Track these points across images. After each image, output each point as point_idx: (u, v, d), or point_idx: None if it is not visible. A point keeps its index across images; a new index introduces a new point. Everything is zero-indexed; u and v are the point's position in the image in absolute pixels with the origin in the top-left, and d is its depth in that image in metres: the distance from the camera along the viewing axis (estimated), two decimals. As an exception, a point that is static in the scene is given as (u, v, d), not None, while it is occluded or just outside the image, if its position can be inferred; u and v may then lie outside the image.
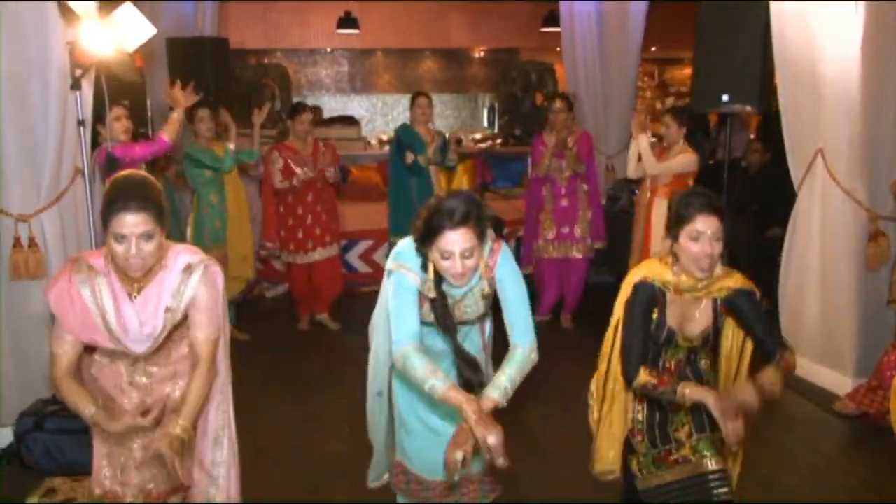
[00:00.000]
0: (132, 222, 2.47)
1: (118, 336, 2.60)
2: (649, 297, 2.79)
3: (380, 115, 13.47)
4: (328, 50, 13.36)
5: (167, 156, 5.88)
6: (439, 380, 2.46)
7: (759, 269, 6.28)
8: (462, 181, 8.37)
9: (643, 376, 2.72)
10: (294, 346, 6.25)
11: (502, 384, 2.55)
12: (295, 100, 10.84)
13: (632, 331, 2.79)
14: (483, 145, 10.29)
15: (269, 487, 3.95)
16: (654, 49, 12.47)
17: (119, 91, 4.95)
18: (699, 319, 2.84)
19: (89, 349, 2.75)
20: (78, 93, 4.28)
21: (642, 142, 5.50)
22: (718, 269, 2.76)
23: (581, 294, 6.53)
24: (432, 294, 2.67)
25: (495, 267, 2.71)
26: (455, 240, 2.49)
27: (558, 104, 6.29)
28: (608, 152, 8.22)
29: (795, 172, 5.24)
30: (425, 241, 2.57)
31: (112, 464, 2.80)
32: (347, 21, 11.36)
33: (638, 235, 5.89)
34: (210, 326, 2.71)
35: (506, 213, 7.32)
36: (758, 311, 2.84)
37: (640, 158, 5.67)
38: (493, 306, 2.85)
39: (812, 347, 5.23)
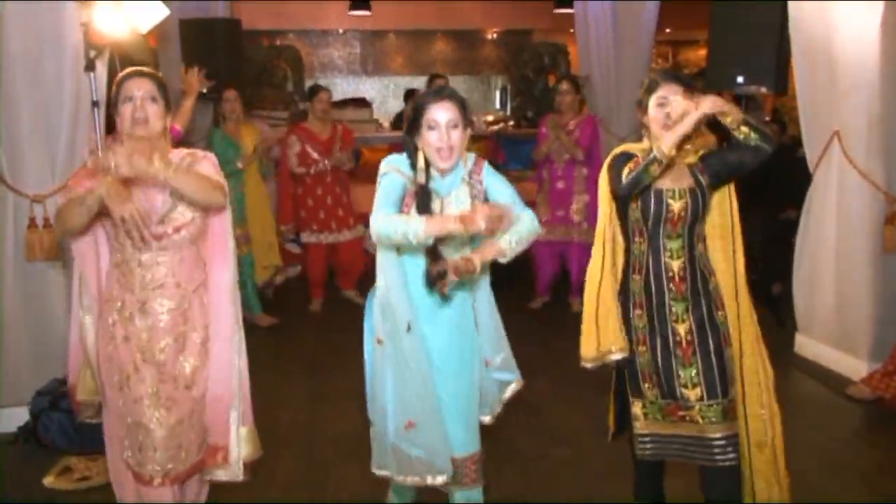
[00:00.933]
0: (138, 83, 2.78)
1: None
2: (628, 160, 2.88)
3: (392, 97, 13.45)
4: (340, 31, 13.36)
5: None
6: (416, 220, 2.60)
7: (772, 252, 6.31)
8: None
9: (625, 171, 2.83)
10: (304, 326, 6.28)
11: (507, 238, 2.70)
12: (308, 81, 10.83)
13: (616, 178, 2.88)
14: (495, 127, 10.25)
15: (279, 466, 3.97)
16: (668, 30, 12.43)
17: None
18: (679, 180, 2.93)
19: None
20: (92, 74, 4.28)
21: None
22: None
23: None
24: (422, 178, 2.78)
25: (482, 173, 2.90)
26: (440, 109, 2.72)
27: (564, 86, 6.31)
28: (620, 134, 8.16)
29: (811, 154, 5.23)
30: (414, 124, 2.77)
31: (132, 445, 2.81)
32: (359, 2, 11.32)
33: None
34: (216, 176, 2.85)
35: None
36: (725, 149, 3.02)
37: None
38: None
39: (826, 331, 5.24)
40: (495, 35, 14.02)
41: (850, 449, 4.23)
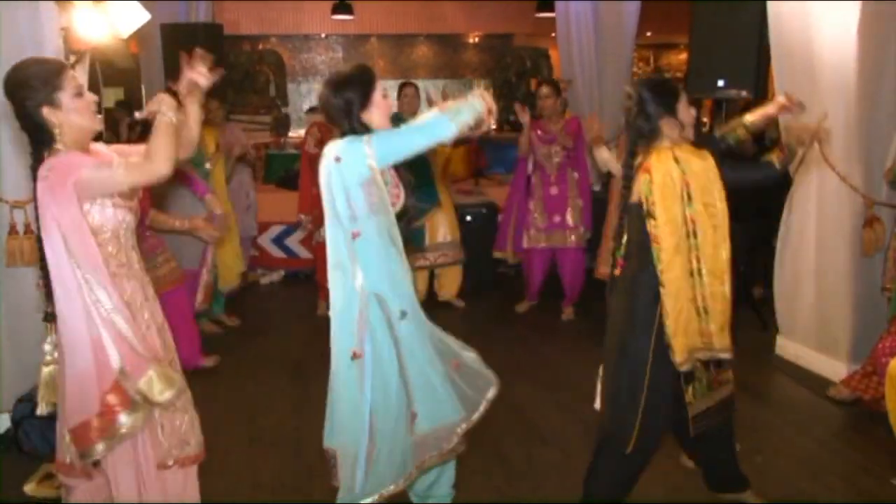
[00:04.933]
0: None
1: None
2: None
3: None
4: (322, 35, 13.37)
5: None
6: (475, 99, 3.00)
7: (754, 254, 6.35)
8: (458, 167, 8.35)
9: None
10: (288, 331, 6.27)
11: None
12: (290, 86, 10.83)
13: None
14: (478, 131, 10.24)
15: (265, 471, 3.98)
16: (649, 34, 12.50)
17: (114, 77, 4.95)
18: None
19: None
20: (72, 78, 4.26)
21: (602, 154, 4.51)
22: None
23: (581, 285, 6.48)
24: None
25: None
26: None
27: (545, 90, 6.35)
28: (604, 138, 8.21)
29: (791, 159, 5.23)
30: (366, 98, 3.02)
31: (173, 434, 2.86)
32: (342, 6, 11.35)
33: (613, 212, 5.70)
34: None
35: (501, 199, 7.32)
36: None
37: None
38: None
39: (807, 333, 5.28)
40: (477, 39, 14.07)
41: (831, 450, 4.26)
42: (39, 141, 2.72)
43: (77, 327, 2.65)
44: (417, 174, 6.13)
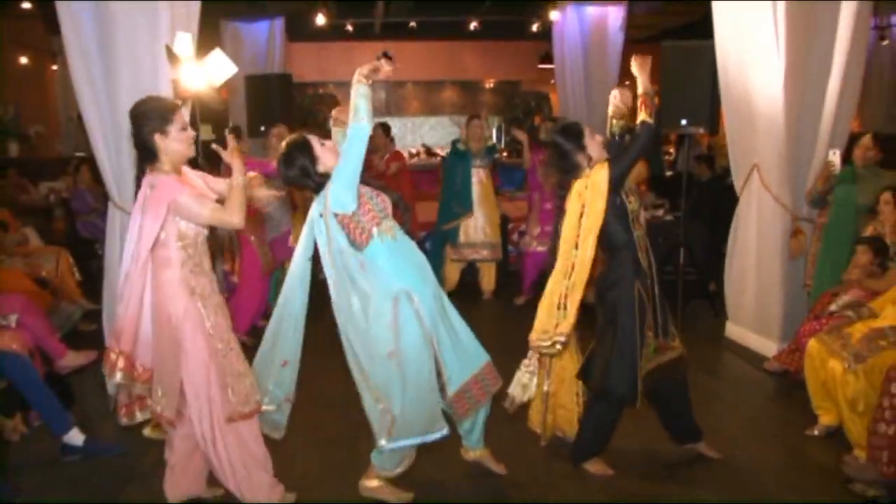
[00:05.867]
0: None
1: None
2: None
3: (409, 133, 13.68)
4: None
5: None
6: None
7: (710, 259, 6.40)
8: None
9: None
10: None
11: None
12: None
13: None
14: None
15: (322, 428, 3.96)
16: (627, 83, 12.48)
17: (208, 116, 5.06)
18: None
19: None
20: (178, 118, 4.40)
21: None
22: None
23: None
24: None
25: None
26: None
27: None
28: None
29: (737, 182, 5.26)
30: (312, 154, 2.92)
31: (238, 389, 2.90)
32: (385, 58, 11.42)
33: None
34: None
35: (510, 211, 7.41)
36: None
37: None
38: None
39: (748, 318, 5.27)
40: (492, 84, 14.13)
41: (764, 411, 4.31)
42: (146, 158, 2.85)
43: (136, 288, 2.81)
44: (462, 187, 6.28)
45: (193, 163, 3.06)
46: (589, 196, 3.12)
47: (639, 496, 3.28)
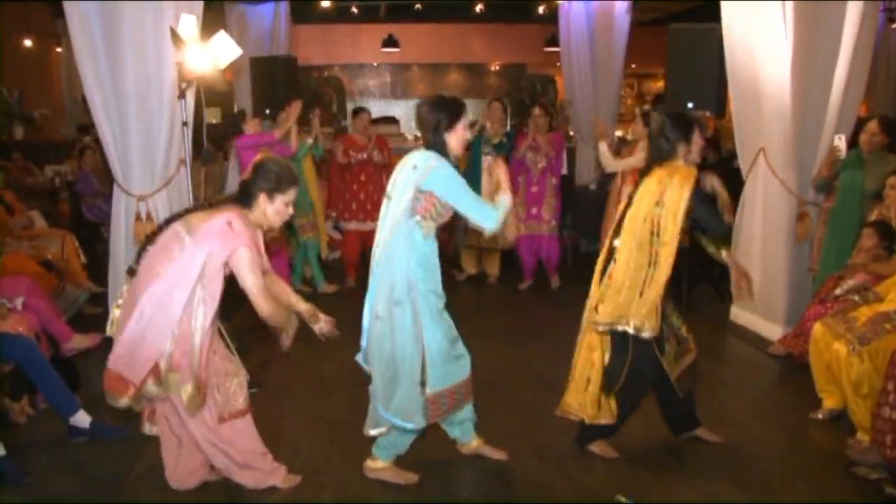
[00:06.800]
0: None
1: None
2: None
3: (415, 117, 13.56)
4: (374, 64, 13.46)
5: None
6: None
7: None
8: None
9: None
10: (346, 295, 6.12)
11: None
12: (349, 104, 10.97)
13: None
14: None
15: (328, 409, 4.00)
16: (633, 66, 12.48)
17: (213, 99, 5.06)
18: None
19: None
20: (183, 101, 4.38)
21: (601, 147, 5.46)
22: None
23: (559, 259, 6.61)
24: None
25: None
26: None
27: (537, 110, 6.44)
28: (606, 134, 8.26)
29: (743, 165, 5.28)
30: (452, 123, 3.03)
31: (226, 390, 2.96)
32: (390, 41, 11.45)
33: (611, 210, 5.85)
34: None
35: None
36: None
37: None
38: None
39: (754, 304, 5.17)
40: (498, 67, 14.09)
41: (768, 394, 4.33)
42: (241, 200, 2.87)
43: (172, 311, 2.70)
44: (471, 170, 6.25)
45: (198, 145, 3.05)
46: (671, 195, 3.15)
47: (643, 479, 3.28)
